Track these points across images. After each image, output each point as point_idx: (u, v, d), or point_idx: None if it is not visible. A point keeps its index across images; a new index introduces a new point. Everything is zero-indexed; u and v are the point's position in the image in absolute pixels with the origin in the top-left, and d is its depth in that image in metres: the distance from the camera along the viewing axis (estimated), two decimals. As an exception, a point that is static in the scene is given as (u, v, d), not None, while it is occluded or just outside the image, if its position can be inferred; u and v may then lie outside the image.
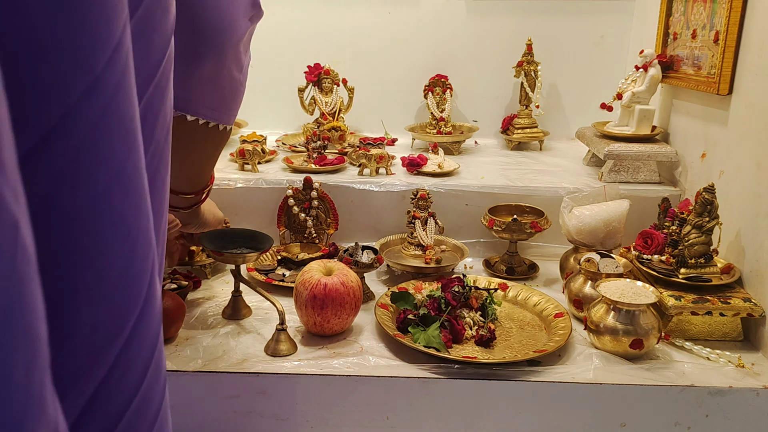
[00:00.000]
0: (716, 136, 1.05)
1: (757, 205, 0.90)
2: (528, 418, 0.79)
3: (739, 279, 0.92)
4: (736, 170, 0.97)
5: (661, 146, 1.18)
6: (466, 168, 1.29)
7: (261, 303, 0.96)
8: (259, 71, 1.58)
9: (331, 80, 1.46)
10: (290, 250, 1.14)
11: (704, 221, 0.90)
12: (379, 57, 1.56)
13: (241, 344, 0.86)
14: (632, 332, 0.81)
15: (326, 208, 1.15)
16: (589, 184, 1.18)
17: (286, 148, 1.42)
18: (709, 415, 0.78)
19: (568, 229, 1.04)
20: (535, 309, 0.96)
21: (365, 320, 0.93)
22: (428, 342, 0.83)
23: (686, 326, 0.88)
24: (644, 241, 0.97)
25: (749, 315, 0.86)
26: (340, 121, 1.45)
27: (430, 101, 1.48)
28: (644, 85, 1.23)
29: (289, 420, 0.80)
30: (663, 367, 0.81)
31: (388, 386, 0.79)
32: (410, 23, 1.55)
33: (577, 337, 0.88)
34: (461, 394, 0.79)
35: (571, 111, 1.58)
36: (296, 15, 1.54)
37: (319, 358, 0.83)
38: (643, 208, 1.12)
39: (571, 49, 1.54)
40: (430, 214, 1.10)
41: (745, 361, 0.82)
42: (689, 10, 1.15)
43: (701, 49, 1.09)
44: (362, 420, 0.80)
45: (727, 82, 0.99)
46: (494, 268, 1.11)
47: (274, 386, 0.79)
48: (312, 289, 0.85)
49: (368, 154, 1.21)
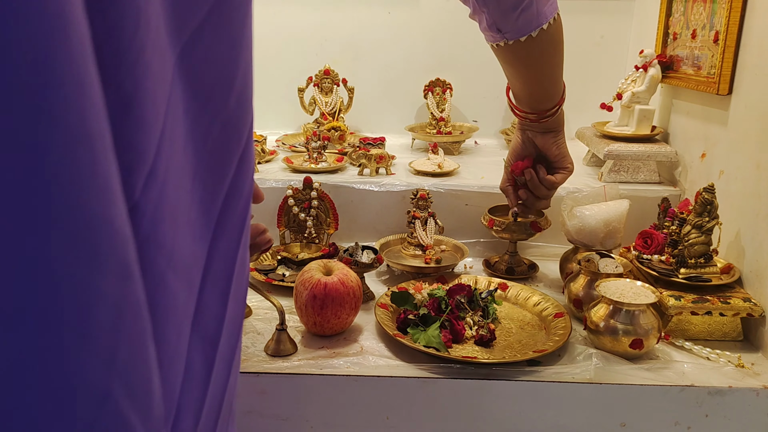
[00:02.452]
0: (716, 136, 1.05)
1: (757, 205, 0.90)
2: (528, 418, 0.79)
3: (739, 279, 0.92)
4: (736, 170, 0.97)
5: (660, 146, 1.18)
6: (466, 168, 1.29)
7: (261, 303, 0.96)
8: (259, 71, 1.59)
9: (331, 80, 1.47)
10: (290, 250, 1.14)
11: (704, 221, 0.90)
12: (379, 57, 1.56)
13: (241, 344, 0.86)
14: (632, 332, 0.81)
15: (326, 208, 1.15)
16: (589, 184, 1.18)
17: (286, 148, 1.42)
18: (709, 415, 0.78)
19: (568, 229, 1.04)
20: (535, 309, 0.96)
21: (365, 320, 0.93)
22: (428, 342, 0.83)
23: (686, 326, 0.88)
24: (644, 241, 0.97)
25: (749, 315, 0.86)
26: (340, 121, 1.45)
27: (430, 101, 1.49)
28: (644, 85, 1.23)
29: (289, 420, 0.80)
30: (663, 367, 0.81)
31: (388, 386, 0.79)
32: (410, 23, 1.55)
33: (577, 337, 0.88)
34: (461, 394, 0.79)
35: (571, 111, 1.56)
36: (296, 15, 1.54)
37: (319, 358, 0.83)
38: (643, 208, 1.12)
39: (571, 49, 1.53)
40: (430, 214, 1.10)
41: (745, 361, 0.82)
42: (689, 10, 1.15)
43: (701, 49, 1.09)
44: (362, 420, 0.80)
45: (727, 82, 0.99)
46: (494, 268, 1.11)
47: (274, 386, 0.79)
48: (312, 288, 0.85)
49: (368, 154, 1.21)
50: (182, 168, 0.32)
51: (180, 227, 0.32)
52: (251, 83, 0.38)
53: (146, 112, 0.27)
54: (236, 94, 0.36)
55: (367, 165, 1.22)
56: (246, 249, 0.41)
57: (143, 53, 0.27)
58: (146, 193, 0.28)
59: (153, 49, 0.28)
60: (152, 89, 0.28)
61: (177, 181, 0.31)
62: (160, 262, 0.30)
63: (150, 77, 0.27)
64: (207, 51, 0.33)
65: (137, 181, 0.28)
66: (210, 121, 0.34)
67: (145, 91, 0.27)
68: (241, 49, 0.36)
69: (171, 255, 0.31)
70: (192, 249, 0.34)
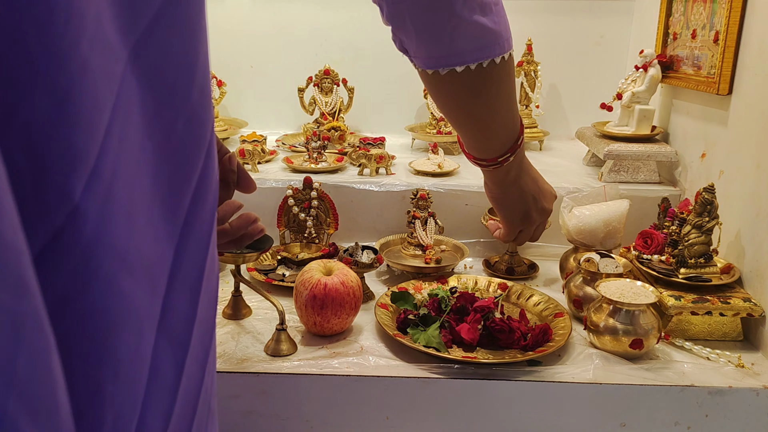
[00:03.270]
0: (716, 136, 1.05)
1: (757, 205, 0.90)
2: (528, 418, 0.79)
3: (739, 279, 0.92)
4: (736, 170, 0.97)
5: (660, 146, 1.18)
6: (466, 168, 1.29)
7: (261, 303, 0.96)
8: (259, 71, 1.59)
9: (331, 80, 1.47)
10: (290, 250, 1.14)
11: (704, 221, 0.90)
12: (379, 57, 1.56)
13: (241, 344, 0.86)
14: (632, 332, 0.81)
15: (326, 208, 1.15)
16: (589, 184, 1.18)
17: (286, 148, 1.42)
18: (709, 415, 0.78)
19: (568, 229, 1.04)
20: (535, 309, 0.96)
21: (365, 320, 0.93)
22: (428, 342, 0.83)
23: (686, 326, 0.88)
24: (644, 241, 0.97)
25: (749, 315, 0.86)
26: (340, 121, 1.45)
27: (430, 101, 1.48)
28: (644, 85, 1.23)
29: (289, 420, 0.80)
30: (663, 367, 0.81)
31: (388, 386, 0.79)
32: (410, 23, 1.54)
33: (577, 337, 0.88)
34: (461, 394, 0.79)
35: (571, 111, 1.58)
36: (296, 15, 1.54)
37: (319, 358, 0.83)
38: (643, 208, 1.12)
39: (571, 49, 1.54)
40: (430, 214, 1.10)
41: (745, 361, 0.82)
42: (689, 10, 1.15)
43: (701, 49, 1.09)
44: (362, 420, 0.80)
45: (727, 82, 0.99)
46: (494, 268, 1.11)
47: (274, 386, 0.79)
48: (312, 289, 0.86)
49: (368, 154, 1.21)
50: (138, 167, 0.31)
51: (137, 228, 0.31)
52: (209, 72, 0.37)
53: (85, 109, 0.26)
54: (198, 86, 0.35)
55: (367, 165, 1.22)
56: (215, 246, 0.40)
57: (77, 49, 0.26)
58: (89, 195, 0.27)
59: (91, 45, 0.26)
60: (92, 86, 0.27)
61: (130, 181, 0.30)
62: (111, 264, 0.29)
63: (88, 74, 0.26)
64: (164, 45, 0.32)
65: (77, 183, 0.26)
66: (174, 117, 0.33)
67: (83, 88, 0.26)
68: (200, 40, 0.35)
69: (124, 257, 0.30)
70: (154, 250, 0.32)
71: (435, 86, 0.62)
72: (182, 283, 0.35)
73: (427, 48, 0.58)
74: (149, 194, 0.32)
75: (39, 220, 0.26)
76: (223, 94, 1.48)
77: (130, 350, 0.31)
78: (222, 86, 1.48)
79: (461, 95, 0.61)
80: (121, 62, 0.29)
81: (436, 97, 0.64)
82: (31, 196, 0.26)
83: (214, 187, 0.38)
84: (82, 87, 0.26)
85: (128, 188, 0.30)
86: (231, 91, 1.52)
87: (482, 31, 0.56)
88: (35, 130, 0.25)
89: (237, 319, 0.93)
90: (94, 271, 0.28)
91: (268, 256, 1.12)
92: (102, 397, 0.30)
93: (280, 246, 1.15)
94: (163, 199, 0.33)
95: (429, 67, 0.59)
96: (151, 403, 0.33)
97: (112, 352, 0.30)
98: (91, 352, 0.29)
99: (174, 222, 0.34)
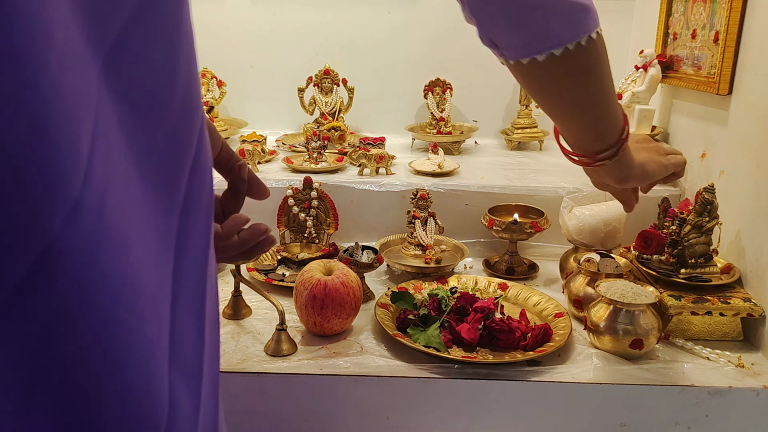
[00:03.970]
0: (716, 136, 1.05)
1: (757, 205, 0.90)
2: (528, 418, 0.79)
3: (739, 279, 0.92)
4: (736, 170, 0.97)
5: (661, 146, 1.18)
6: (466, 168, 1.29)
7: (261, 303, 0.96)
8: (259, 71, 1.59)
9: (331, 80, 1.47)
10: (290, 250, 1.14)
11: (704, 221, 0.90)
12: (379, 57, 1.56)
13: (241, 344, 0.86)
14: (632, 332, 0.81)
15: (326, 208, 1.15)
16: (589, 184, 1.17)
17: (286, 148, 1.42)
18: (709, 415, 0.78)
19: (568, 229, 1.04)
20: (535, 309, 0.96)
21: (365, 320, 0.93)
22: (428, 342, 0.83)
23: (686, 326, 0.88)
24: (644, 241, 0.97)
25: (749, 315, 0.86)
26: (340, 121, 1.45)
27: (430, 101, 1.48)
28: (644, 85, 1.23)
29: (288, 420, 0.80)
30: (663, 367, 0.81)
31: (388, 386, 0.79)
32: (410, 23, 1.55)
33: (577, 337, 0.88)
34: (461, 394, 0.79)
35: (571, 111, 1.58)
36: (296, 15, 1.54)
37: (319, 358, 0.83)
38: (643, 208, 1.11)
39: (571, 49, 1.54)
40: (430, 214, 1.10)
41: (745, 361, 0.82)
42: (689, 10, 1.15)
43: (701, 49, 1.09)
44: (362, 420, 0.80)
45: (727, 82, 0.99)
46: (494, 268, 1.11)
47: (274, 386, 0.79)
48: (312, 289, 0.85)
49: (368, 154, 1.21)
50: (128, 189, 0.29)
51: (133, 257, 0.28)
52: (197, 80, 0.34)
53: (60, 133, 0.24)
54: (180, 95, 0.32)
55: (367, 165, 1.22)
56: (213, 263, 0.37)
57: (46, 71, 0.23)
58: (72, 226, 0.25)
59: (61, 61, 0.24)
60: (66, 107, 0.25)
61: (122, 207, 0.28)
62: (104, 299, 0.26)
63: (61, 94, 0.24)
64: (137, 56, 0.29)
65: (55, 214, 0.24)
66: (153, 130, 0.31)
67: (57, 109, 0.24)
68: (180, 48, 0.32)
69: (120, 290, 0.27)
70: (154, 277, 0.30)
71: (533, 76, 0.58)
72: (185, 307, 0.33)
73: (520, 36, 0.55)
74: (141, 218, 0.30)
75: (8, 257, 0.24)
76: (223, 94, 1.49)
77: (143, 390, 0.29)
78: (222, 86, 1.48)
79: (562, 80, 0.58)
80: (94, 77, 0.27)
81: (536, 89, 0.61)
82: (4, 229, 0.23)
83: (207, 199, 0.36)
84: (55, 108, 0.24)
85: (120, 215, 0.28)
86: (231, 91, 1.52)
87: (575, 6, 0.53)
88: (7, 156, 0.23)
89: (237, 319, 0.93)
90: (83, 310, 0.26)
91: (268, 256, 1.12)
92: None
93: (280, 246, 1.15)
94: (150, 220, 0.31)
95: (524, 56, 0.55)
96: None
97: (124, 395, 0.28)
98: (104, 400, 0.27)
99: (166, 244, 0.32)
